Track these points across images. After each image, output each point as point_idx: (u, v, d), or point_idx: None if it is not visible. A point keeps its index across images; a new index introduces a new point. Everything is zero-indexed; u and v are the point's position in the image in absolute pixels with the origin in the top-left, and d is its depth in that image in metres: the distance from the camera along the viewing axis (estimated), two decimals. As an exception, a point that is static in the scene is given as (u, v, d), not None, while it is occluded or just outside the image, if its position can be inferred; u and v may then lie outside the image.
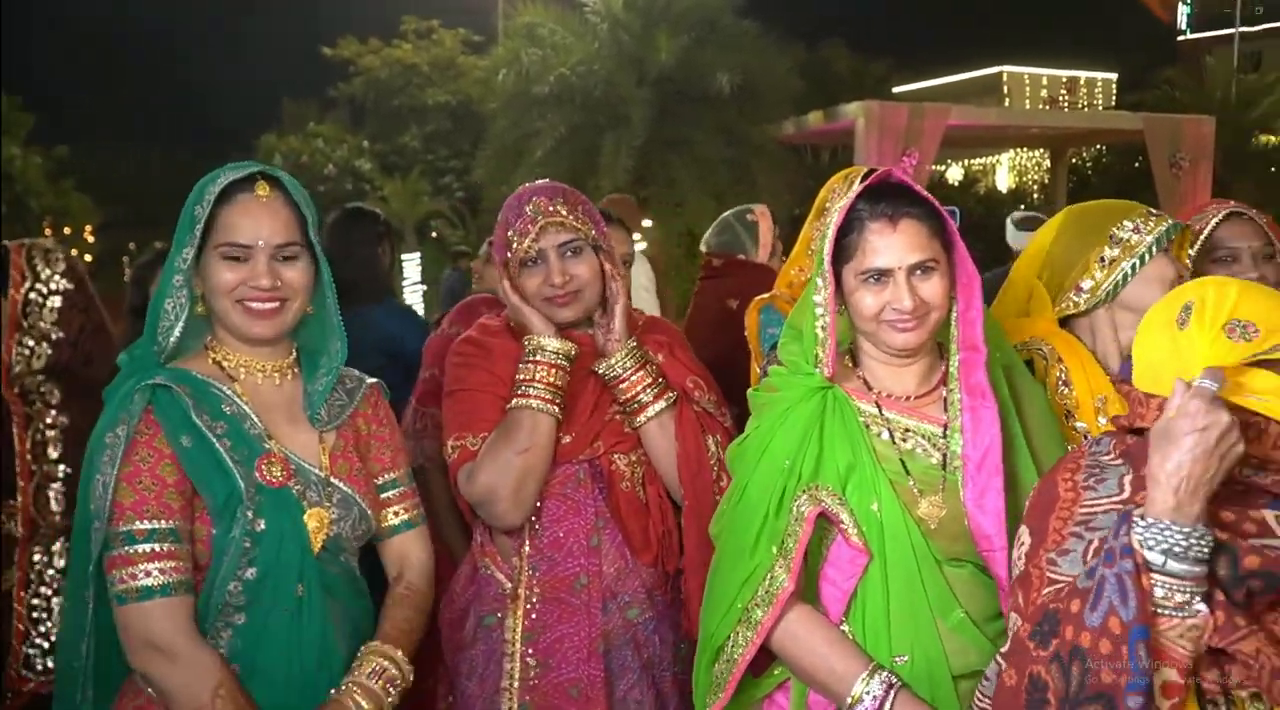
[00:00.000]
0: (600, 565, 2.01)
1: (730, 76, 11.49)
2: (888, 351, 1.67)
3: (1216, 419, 1.17)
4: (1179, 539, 1.16)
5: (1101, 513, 1.32)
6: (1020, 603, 1.33)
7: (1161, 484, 1.18)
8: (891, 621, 1.58)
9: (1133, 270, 1.88)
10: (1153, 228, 1.89)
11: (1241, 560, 1.19)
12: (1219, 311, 1.30)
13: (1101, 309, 1.94)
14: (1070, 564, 1.29)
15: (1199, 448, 1.16)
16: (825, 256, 1.62)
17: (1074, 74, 52.30)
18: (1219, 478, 1.18)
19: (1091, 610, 1.16)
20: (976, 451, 1.59)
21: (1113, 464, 1.38)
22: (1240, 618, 1.18)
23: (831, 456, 1.62)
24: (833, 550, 1.63)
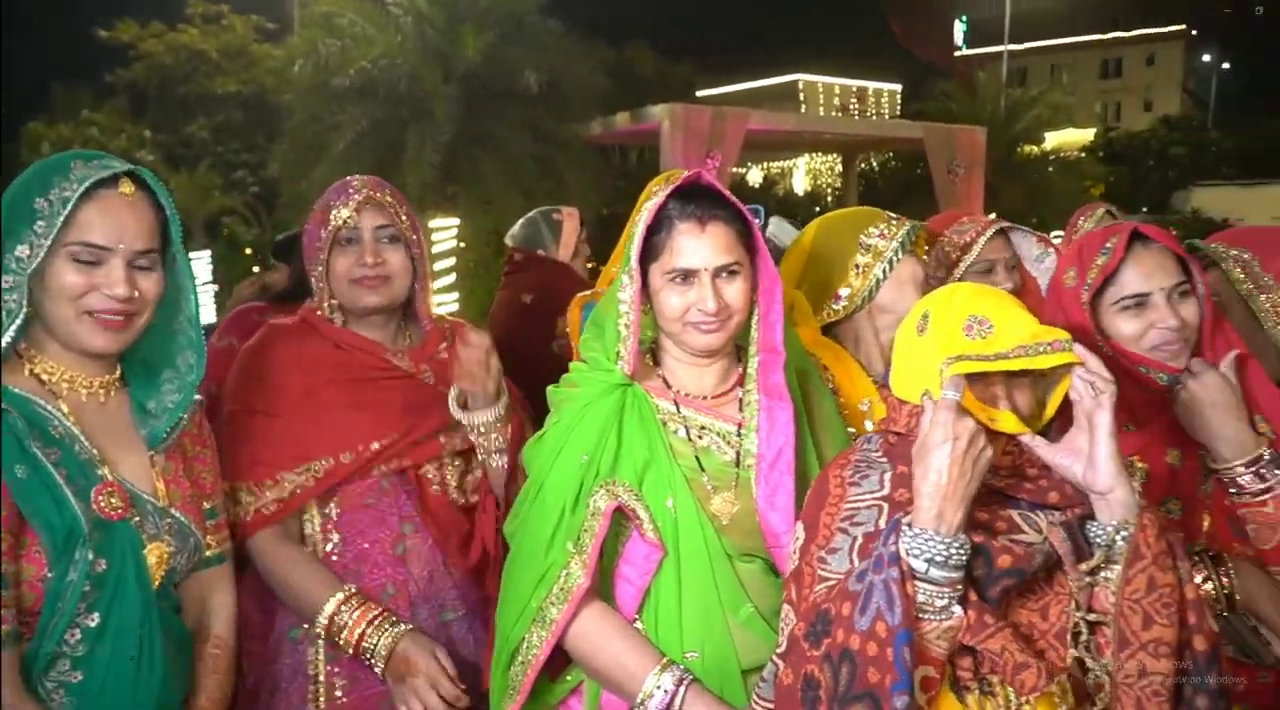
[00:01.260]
0: (407, 573, 1.97)
1: (537, 75, 11.45)
2: (690, 352, 1.68)
3: (964, 428, 1.24)
4: (940, 548, 1.22)
5: (864, 508, 1.38)
6: (794, 597, 1.37)
7: (924, 495, 1.24)
8: (684, 617, 1.59)
9: (884, 274, 1.94)
10: (895, 232, 1.97)
11: (995, 559, 1.27)
12: (956, 313, 1.37)
13: (861, 314, 2.00)
14: (839, 561, 1.34)
15: (952, 457, 1.23)
16: (633, 254, 1.63)
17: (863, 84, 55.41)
18: (975, 483, 1.25)
19: (861, 614, 1.21)
20: (770, 450, 1.62)
21: (878, 461, 1.44)
22: (990, 616, 1.25)
23: (629, 452, 1.63)
24: (628, 547, 1.64)
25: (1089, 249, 1.73)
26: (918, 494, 1.26)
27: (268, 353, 2.02)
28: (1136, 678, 1.28)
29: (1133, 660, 1.27)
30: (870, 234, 1.98)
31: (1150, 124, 36.37)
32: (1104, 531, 1.31)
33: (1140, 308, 1.67)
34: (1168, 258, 1.68)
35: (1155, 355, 1.67)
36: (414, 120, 11.43)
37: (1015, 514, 1.34)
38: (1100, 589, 1.30)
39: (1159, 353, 1.67)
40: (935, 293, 1.46)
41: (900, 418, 1.45)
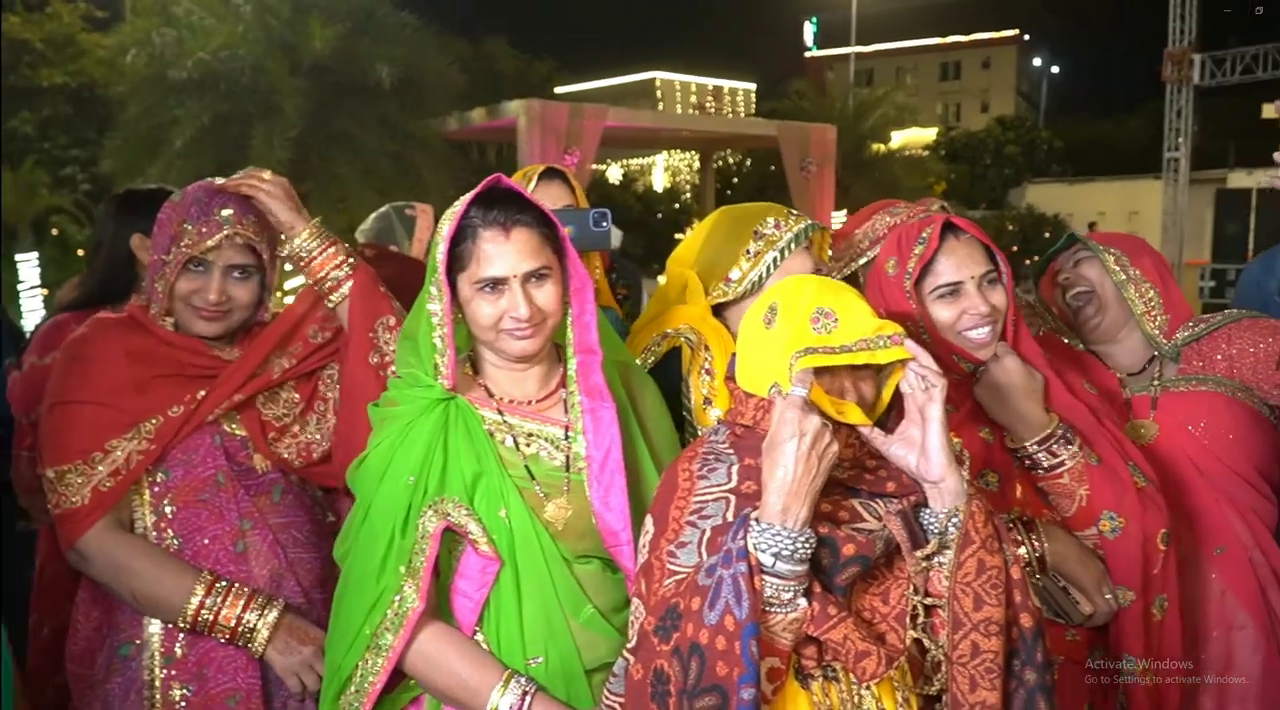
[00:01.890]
0: (249, 571, 1.89)
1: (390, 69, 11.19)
2: (507, 358, 1.66)
3: (810, 424, 1.27)
4: (787, 543, 1.24)
5: (712, 501, 1.38)
6: (644, 591, 1.37)
7: (771, 491, 1.26)
8: (525, 625, 1.58)
9: (774, 262, 1.95)
10: (792, 225, 1.98)
11: (841, 549, 1.30)
12: (803, 305, 1.39)
13: (748, 300, 2.01)
14: (688, 555, 1.34)
15: (798, 454, 1.25)
16: (439, 266, 1.59)
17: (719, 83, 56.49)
18: (821, 479, 1.28)
19: (710, 608, 1.23)
20: (599, 451, 1.61)
21: (725, 453, 1.44)
22: (833, 607, 1.28)
23: (457, 468, 1.59)
24: (463, 562, 1.61)
25: (907, 239, 1.79)
26: (766, 490, 1.27)
27: (93, 345, 1.91)
28: (970, 656, 1.33)
29: (966, 640, 1.33)
30: (767, 224, 2.00)
31: (987, 124, 38.40)
32: (936, 519, 1.36)
33: (954, 295, 1.74)
34: (977, 248, 1.76)
35: (968, 337, 1.75)
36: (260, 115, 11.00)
37: (857, 503, 1.38)
38: (935, 573, 1.35)
39: (971, 336, 1.74)
40: (780, 285, 1.47)
41: (747, 410, 1.46)
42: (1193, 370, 2.02)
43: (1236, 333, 2.01)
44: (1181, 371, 2.03)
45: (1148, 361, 2.06)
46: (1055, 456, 1.73)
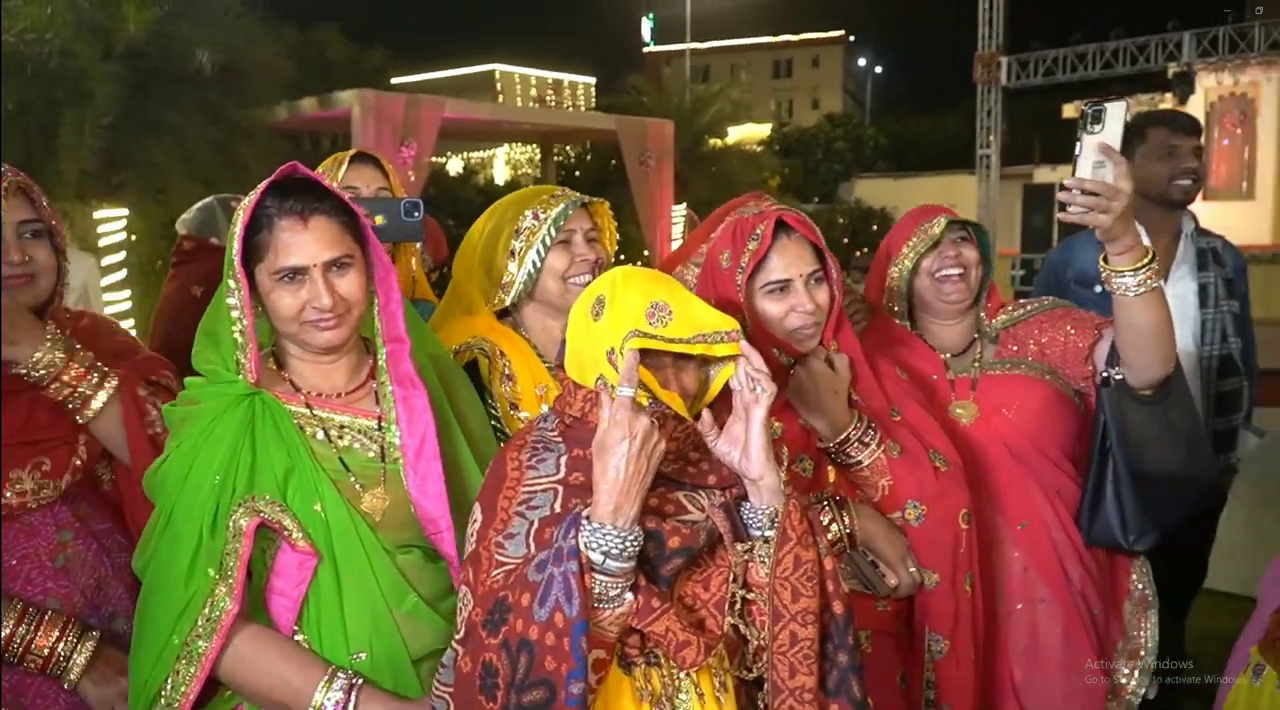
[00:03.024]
0: (71, 585, 1.80)
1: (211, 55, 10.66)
2: (313, 350, 1.63)
3: (640, 425, 1.29)
4: (617, 542, 1.27)
5: (540, 491, 1.40)
6: (471, 580, 1.37)
7: (603, 490, 1.28)
8: (347, 619, 1.55)
9: (538, 258, 1.95)
10: (548, 213, 1.96)
11: (667, 541, 1.34)
12: (636, 298, 1.40)
13: (527, 300, 2.02)
14: (516, 546, 1.36)
15: (629, 454, 1.28)
16: (235, 257, 1.54)
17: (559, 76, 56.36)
18: (650, 476, 1.31)
19: (540, 605, 1.24)
20: (414, 439, 1.61)
21: (555, 441, 1.46)
22: (656, 600, 1.32)
23: (267, 464, 1.55)
24: (279, 560, 1.56)
25: (741, 234, 1.82)
26: (597, 489, 1.29)
27: None
28: (789, 645, 1.41)
29: (785, 631, 1.40)
30: (526, 217, 1.98)
31: (818, 121, 39.81)
32: (756, 516, 1.43)
33: (783, 292, 1.79)
34: (806, 247, 1.81)
35: (794, 331, 1.80)
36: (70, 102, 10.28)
37: (681, 496, 1.42)
38: (753, 564, 1.42)
39: (798, 333, 1.80)
40: (610, 277, 1.47)
41: (575, 401, 1.47)
42: (1009, 354, 2.12)
43: (1050, 321, 2.12)
44: (999, 354, 2.13)
45: (969, 343, 2.16)
46: (852, 457, 1.82)
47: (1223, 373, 2.93)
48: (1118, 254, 1.76)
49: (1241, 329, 2.99)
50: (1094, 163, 1.70)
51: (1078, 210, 1.70)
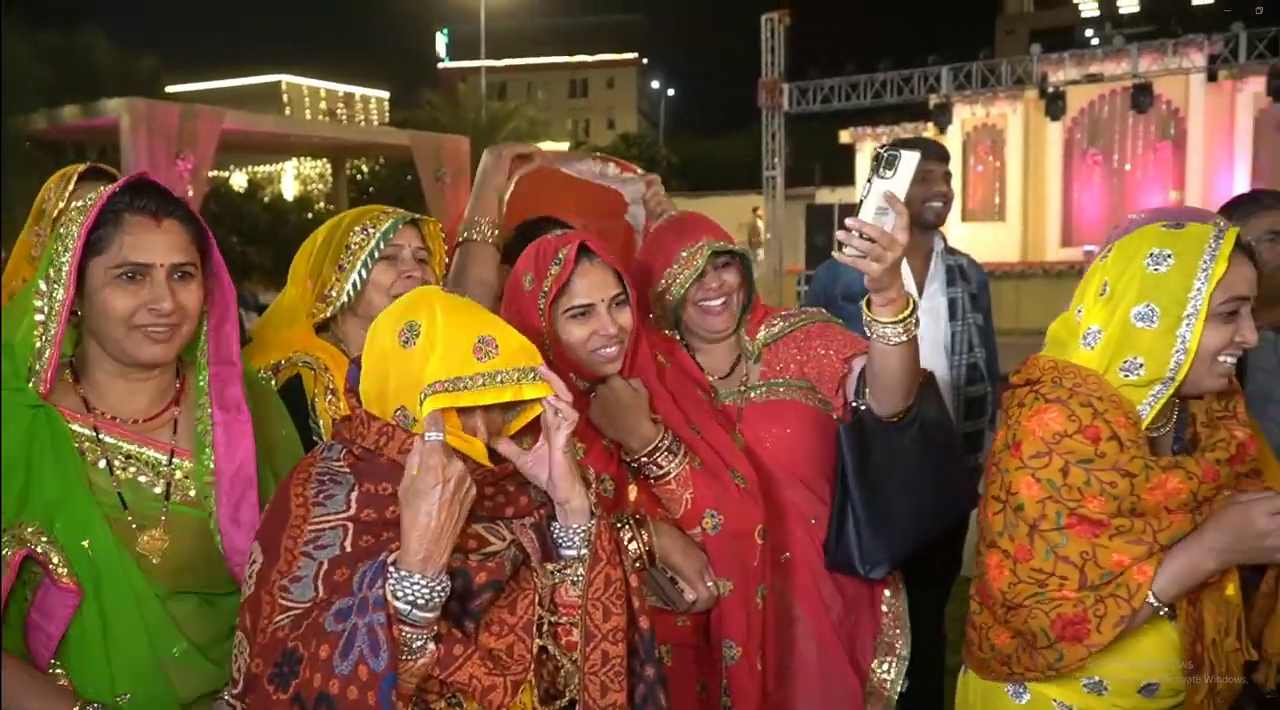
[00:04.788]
0: None
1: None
2: (129, 363, 1.53)
3: (454, 471, 1.26)
4: (424, 591, 1.22)
5: (329, 529, 1.33)
6: (250, 626, 1.28)
7: (413, 538, 1.23)
8: (112, 660, 1.47)
9: (363, 274, 1.96)
10: (377, 228, 1.98)
11: (474, 577, 1.30)
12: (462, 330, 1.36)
13: (350, 315, 2.02)
14: (302, 590, 1.28)
15: (441, 501, 1.24)
16: (73, 252, 1.46)
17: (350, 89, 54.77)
18: (460, 522, 1.27)
19: (342, 658, 1.18)
20: (231, 465, 1.55)
21: (343, 473, 1.39)
22: (458, 646, 1.28)
23: (39, 489, 1.45)
24: (40, 593, 1.47)
25: (544, 257, 1.80)
26: (406, 537, 1.24)
27: None
28: (601, 664, 1.40)
29: (597, 650, 1.40)
30: (355, 232, 2.00)
31: (613, 141, 40.60)
32: (567, 534, 1.43)
33: (585, 316, 1.79)
34: (608, 272, 1.80)
35: (597, 355, 1.80)
36: None
37: (480, 528, 1.38)
38: (563, 585, 1.41)
39: (600, 356, 1.80)
40: (420, 302, 1.41)
41: (369, 433, 1.40)
42: (773, 373, 2.10)
43: (811, 336, 2.11)
44: (763, 374, 2.10)
45: (735, 363, 2.14)
46: (661, 467, 1.82)
47: (970, 380, 3.20)
48: (881, 304, 1.75)
49: (986, 339, 3.28)
50: (877, 208, 1.66)
51: (853, 253, 1.68)
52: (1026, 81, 18.36)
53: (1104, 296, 1.61)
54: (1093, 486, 1.54)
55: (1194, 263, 1.53)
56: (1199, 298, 1.52)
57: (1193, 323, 1.52)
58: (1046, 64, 18.29)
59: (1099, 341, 1.61)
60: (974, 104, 19.37)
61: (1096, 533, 1.55)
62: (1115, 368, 1.59)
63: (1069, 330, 1.68)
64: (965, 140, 19.65)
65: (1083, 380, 1.60)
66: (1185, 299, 1.52)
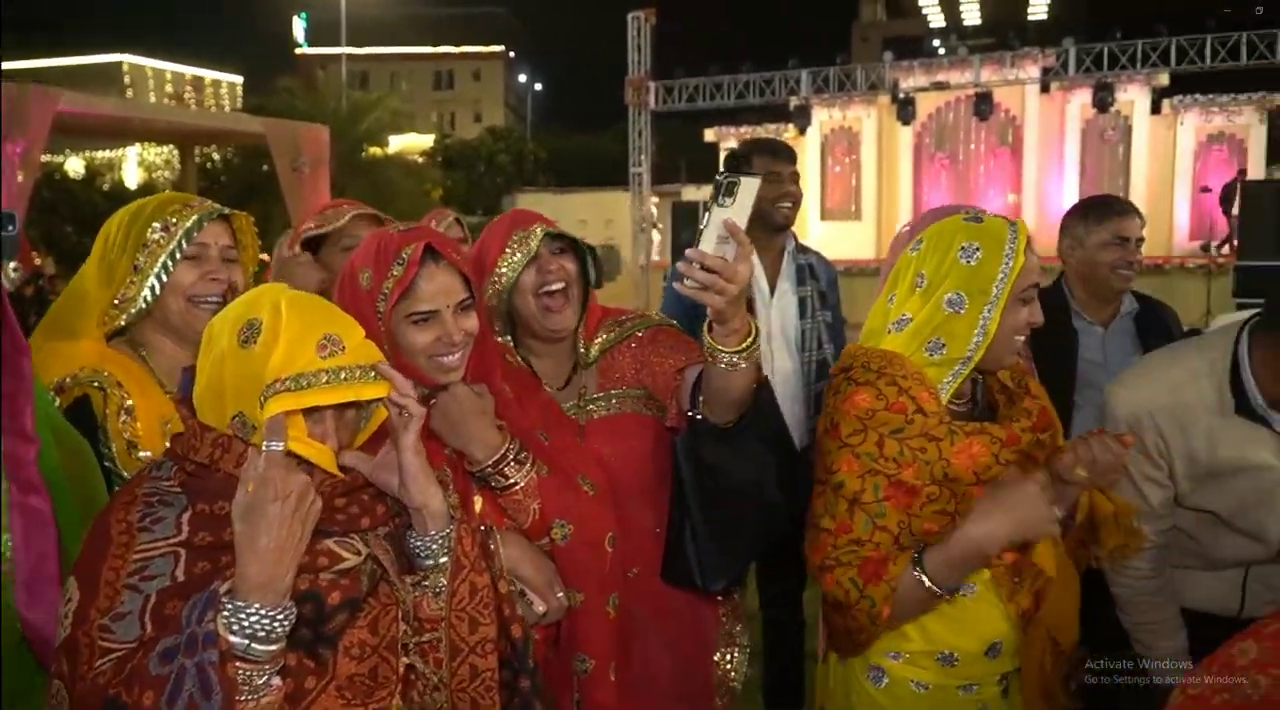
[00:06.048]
0: None
1: None
2: None
3: (295, 483, 1.15)
4: (265, 622, 1.12)
5: (158, 556, 1.21)
6: (67, 673, 1.16)
7: (249, 562, 1.12)
8: None
9: (163, 275, 1.80)
10: (180, 224, 1.82)
11: (326, 599, 1.21)
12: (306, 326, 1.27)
13: (149, 321, 1.85)
14: (127, 628, 1.16)
15: (282, 518, 1.13)
16: None
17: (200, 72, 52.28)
18: (306, 541, 1.17)
19: (169, 705, 1.07)
20: (29, 556, 1.41)
21: (173, 494, 1.27)
22: (311, 678, 1.20)
23: None
24: None
25: (385, 254, 1.66)
26: (242, 561, 1.13)
27: None
28: (470, 680, 1.33)
29: (465, 665, 1.33)
30: (154, 229, 1.83)
31: (480, 134, 40.07)
32: (424, 544, 1.35)
33: (429, 322, 1.66)
34: (454, 275, 1.68)
35: (440, 362, 1.68)
36: None
37: (331, 543, 1.27)
38: (425, 597, 1.33)
39: (442, 362, 1.68)
40: (262, 299, 1.32)
41: (202, 445, 1.27)
42: (611, 383, 2.00)
43: (644, 343, 2.02)
44: (601, 386, 2.00)
45: (571, 372, 2.02)
46: (508, 478, 1.74)
47: (819, 376, 3.29)
48: (725, 334, 1.65)
49: (835, 336, 3.39)
50: (718, 237, 1.56)
51: (694, 285, 1.57)
52: (880, 87, 19.12)
53: (921, 288, 1.74)
54: (906, 455, 1.67)
55: (999, 255, 1.68)
56: (1002, 287, 1.67)
57: (993, 310, 1.67)
58: (898, 71, 19.11)
59: (907, 327, 1.74)
60: (832, 107, 20.03)
61: (911, 501, 1.68)
62: (921, 349, 1.73)
63: (881, 318, 1.81)
64: (824, 142, 20.30)
65: (889, 362, 1.73)
66: (991, 289, 1.68)
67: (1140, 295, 3.01)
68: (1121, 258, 2.85)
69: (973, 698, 1.79)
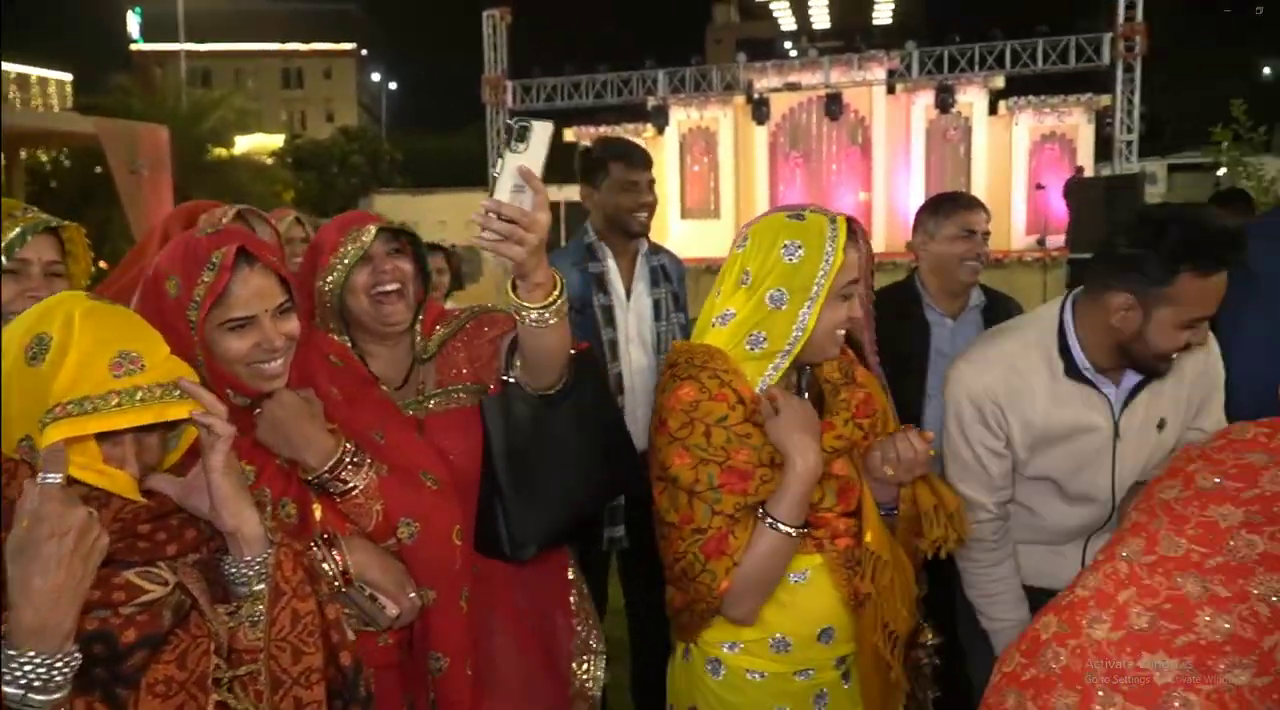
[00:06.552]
0: None
1: None
2: None
3: (75, 518, 1.07)
4: (42, 670, 1.04)
5: None
6: None
7: (23, 607, 1.04)
8: None
9: None
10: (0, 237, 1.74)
11: (120, 637, 1.13)
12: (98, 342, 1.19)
13: None
14: None
15: (60, 557, 1.05)
16: None
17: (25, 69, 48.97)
18: (89, 581, 1.09)
19: None
20: None
21: None
22: None
23: None
24: None
25: (195, 259, 1.57)
26: (15, 606, 1.05)
27: None
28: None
29: (288, 698, 1.26)
30: None
31: (332, 134, 38.94)
32: (238, 570, 1.28)
33: (246, 328, 1.59)
34: (270, 277, 1.61)
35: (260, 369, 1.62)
36: None
37: (131, 576, 1.19)
38: (241, 627, 1.25)
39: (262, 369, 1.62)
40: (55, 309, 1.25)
41: None
42: (448, 378, 1.96)
43: (475, 331, 1.99)
44: (439, 382, 1.96)
45: (409, 369, 1.97)
46: (346, 482, 1.68)
47: None
48: (529, 289, 1.61)
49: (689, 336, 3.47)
50: (514, 186, 1.51)
51: (492, 236, 1.52)
52: (735, 87, 19.50)
53: (745, 285, 1.79)
54: (733, 442, 1.72)
55: (819, 254, 1.74)
56: (821, 285, 1.74)
57: (812, 306, 1.74)
58: (752, 72, 19.53)
59: (730, 321, 1.80)
60: (689, 107, 20.31)
61: (746, 484, 1.72)
62: (742, 343, 1.78)
63: (707, 315, 1.86)
64: (682, 141, 20.57)
65: (710, 357, 1.78)
66: (811, 286, 1.74)
67: (987, 289, 3.17)
68: (969, 250, 3.00)
69: (810, 683, 1.83)
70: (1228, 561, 1.19)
